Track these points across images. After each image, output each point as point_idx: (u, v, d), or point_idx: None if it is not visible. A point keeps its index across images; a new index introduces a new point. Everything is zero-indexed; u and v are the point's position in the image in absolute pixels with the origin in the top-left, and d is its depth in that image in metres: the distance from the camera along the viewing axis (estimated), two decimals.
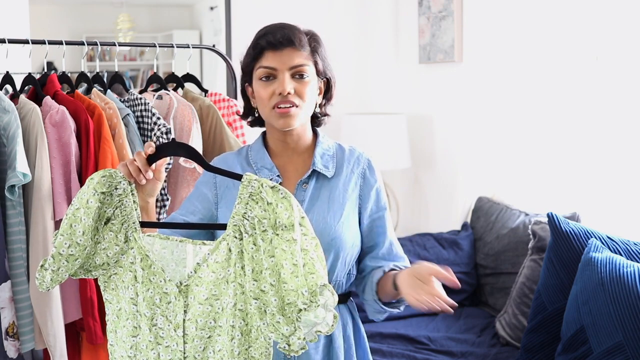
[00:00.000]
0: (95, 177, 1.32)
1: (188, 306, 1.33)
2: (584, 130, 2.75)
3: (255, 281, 1.26)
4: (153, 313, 1.35)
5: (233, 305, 1.29)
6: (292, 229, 1.24)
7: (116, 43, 2.26)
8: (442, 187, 3.63)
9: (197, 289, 1.32)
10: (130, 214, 1.35)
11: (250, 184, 1.28)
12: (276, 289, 1.25)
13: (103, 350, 2.03)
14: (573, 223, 2.25)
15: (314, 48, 1.53)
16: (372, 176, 1.60)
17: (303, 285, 1.23)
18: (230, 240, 1.29)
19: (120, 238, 1.35)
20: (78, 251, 1.31)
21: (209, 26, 6.47)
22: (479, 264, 3.03)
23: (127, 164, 1.38)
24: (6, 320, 1.88)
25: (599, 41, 2.65)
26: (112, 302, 1.40)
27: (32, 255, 1.89)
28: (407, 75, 3.83)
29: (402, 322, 2.83)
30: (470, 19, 3.34)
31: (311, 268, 1.25)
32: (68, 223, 1.31)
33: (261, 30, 1.54)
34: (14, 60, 2.20)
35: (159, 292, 1.34)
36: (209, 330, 1.32)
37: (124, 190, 1.35)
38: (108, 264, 1.36)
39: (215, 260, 1.30)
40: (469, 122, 3.39)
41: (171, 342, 1.34)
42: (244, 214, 1.28)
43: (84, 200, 1.31)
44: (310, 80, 1.51)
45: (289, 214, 1.25)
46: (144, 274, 1.34)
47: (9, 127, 1.89)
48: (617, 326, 1.89)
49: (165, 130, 2.06)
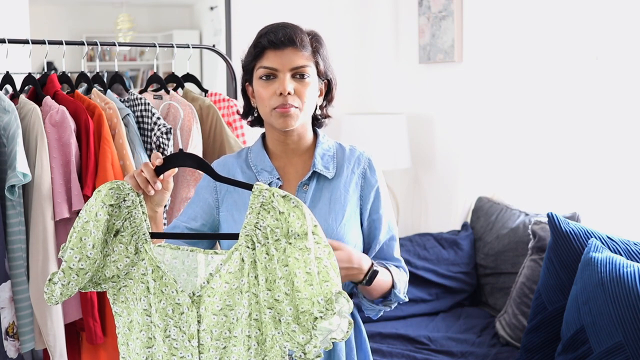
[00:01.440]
0: (103, 190, 1.31)
1: (201, 317, 1.32)
2: (584, 130, 2.75)
3: (269, 290, 1.26)
4: (166, 324, 1.33)
5: (248, 315, 1.29)
6: (305, 238, 1.23)
7: (116, 43, 2.26)
8: (442, 187, 3.63)
9: (209, 299, 1.31)
10: (140, 226, 1.34)
11: (262, 194, 1.27)
12: (290, 297, 1.24)
13: (103, 350, 2.03)
14: (573, 223, 2.25)
15: (315, 49, 1.52)
16: (373, 176, 1.59)
17: (318, 294, 1.23)
18: (242, 250, 1.29)
19: (130, 250, 1.34)
20: (88, 265, 1.30)
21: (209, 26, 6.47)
22: (479, 264, 3.03)
23: (134, 176, 1.37)
24: (6, 320, 1.88)
25: (599, 41, 2.65)
26: (122, 314, 1.38)
27: (32, 255, 1.89)
28: (407, 75, 3.83)
29: (402, 322, 2.83)
30: (470, 19, 3.34)
31: (325, 276, 1.24)
32: (78, 237, 1.30)
33: (263, 29, 1.53)
34: (14, 60, 2.20)
35: (172, 303, 1.33)
36: (224, 340, 1.31)
37: (133, 202, 1.33)
38: (118, 276, 1.35)
39: (228, 271, 1.29)
40: (469, 122, 3.39)
41: (186, 353, 1.33)
42: (255, 224, 1.27)
43: (92, 213, 1.30)
44: (310, 82, 1.50)
45: (301, 222, 1.24)
46: (155, 285, 1.33)
47: (9, 127, 1.89)
48: (617, 326, 1.89)
49: (165, 130, 2.06)
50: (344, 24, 3.92)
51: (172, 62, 2.38)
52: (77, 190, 1.93)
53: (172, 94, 2.25)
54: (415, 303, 2.91)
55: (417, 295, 2.90)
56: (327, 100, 1.60)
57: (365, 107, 3.94)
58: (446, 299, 2.97)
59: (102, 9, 7.04)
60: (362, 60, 3.99)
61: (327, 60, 1.56)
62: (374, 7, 3.95)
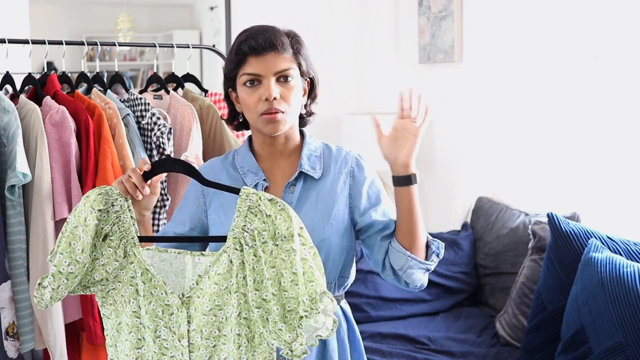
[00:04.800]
0: (92, 195, 1.34)
1: (191, 317, 1.35)
2: (584, 130, 2.75)
3: (257, 291, 1.30)
4: (156, 325, 1.37)
5: (237, 314, 1.33)
6: (291, 240, 1.28)
7: (116, 43, 2.26)
8: (442, 187, 3.63)
9: (199, 300, 1.34)
10: (128, 230, 1.37)
11: (249, 198, 1.32)
12: (277, 297, 1.29)
13: (103, 350, 2.03)
14: (573, 223, 2.25)
15: (296, 50, 1.52)
16: (362, 174, 1.59)
17: (304, 294, 1.27)
18: (231, 252, 1.33)
19: (119, 254, 1.37)
20: (77, 269, 1.33)
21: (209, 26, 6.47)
22: (479, 264, 3.03)
23: (122, 181, 1.40)
24: (6, 320, 1.88)
25: (599, 41, 2.65)
26: (110, 317, 1.41)
27: (32, 255, 1.89)
28: (407, 75, 3.83)
29: (402, 322, 2.83)
30: (470, 19, 3.34)
31: (310, 276, 1.29)
32: (67, 241, 1.33)
33: (241, 34, 1.52)
34: (14, 60, 2.20)
35: (161, 305, 1.36)
36: (214, 339, 1.35)
37: (121, 207, 1.36)
38: (107, 279, 1.38)
39: (217, 272, 1.33)
40: (469, 122, 3.39)
41: (176, 352, 1.37)
42: (243, 227, 1.32)
43: (81, 218, 1.33)
44: (295, 85, 1.51)
45: (287, 225, 1.29)
46: (145, 288, 1.36)
47: (9, 127, 1.89)
48: (617, 326, 1.89)
49: (165, 130, 2.06)
50: (344, 24, 3.92)
51: (172, 62, 2.38)
52: (77, 190, 1.93)
53: (172, 94, 2.25)
54: (415, 303, 2.90)
55: (417, 295, 2.90)
56: (310, 98, 1.61)
57: (365, 107, 3.94)
58: (446, 299, 2.97)
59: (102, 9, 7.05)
60: (362, 60, 3.99)
61: (309, 59, 1.56)
62: (374, 7, 3.95)
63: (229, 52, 1.54)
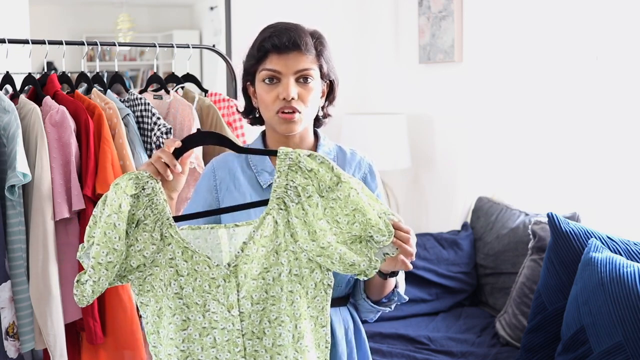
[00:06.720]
0: (122, 182, 1.32)
1: (240, 285, 1.36)
2: (584, 130, 2.75)
3: (314, 241, 1.32)
4: (205, 300, 1.36)
5: (288, 272, 1.35)
6: (336, 189, 1.31)
7: (116, 43, 2.26)
8: (442, 187, 3.63)
9: (246, 266, 1.35)
10: (162, 212, 1.35)
11: (288, 156, 1.34)
12: (341, 236, 1.31)
13: (103, 350, 2.03)
14: (573, 223, 2.25)
15: (319, 52, 1.51)
16: (373, 182, 1.59)
17: (376, 223, 1.31)
18: (275, 213, 1.35)
19: (155, 237, 1.35)
20: (116, 257, 1.31)
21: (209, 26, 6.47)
22: (479, 264, 3.03)
23: (152, 162, 1.38)
24: (6, 320, 1.88)
25: (599, 41, 2.65)
26: (149, 304, 1.39)
27: (32, 255, 1.89)
28: (407, 75, 3.83)
29: (402, 322, 2.83)
30: (470, 19, 3.34)
31: (373, 203, 1.33)
32: (102, 231, 1.30)
33: (266, 30, 1.51)
34: (14, 60, 2.20)
35: (207, 279, 1.36)
36: (263, 302, 1.36)
37: (153, 189, 1.35)
38: (145, 264, 1.36)
39: (263, 235, 1.34)
40: (469, 122, 3.39)
41: (226, 324, 1.36)
42: (285, 185, 1.34)
43: (115, 205, 1.30)
44: (314, 86, 1.49)
45: (330, 175, 1.32)
46: (187, 266, 1.36)
47: (9, 127, 1.89)
48: (617, 326, 1.89)
49: (165, 130, 2.07)
50: (344, 24, 3.92)
51: (172, 62, 2.38)
52: (77, 190, 1.93)
53: (172, 94, 2.25)
54: (415, 303, 2.90)
55: (417, 295, 2.90)
56: (328, 100, 1.60)
57: (365, 107, 3.94)
58: (446, 299, 2.97)
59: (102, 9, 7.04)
60: (362, 60, 3.99)
61: (330, 61, 1.55)
62: (374, 7, 3.95)
63: (250, 46, 1.53)
